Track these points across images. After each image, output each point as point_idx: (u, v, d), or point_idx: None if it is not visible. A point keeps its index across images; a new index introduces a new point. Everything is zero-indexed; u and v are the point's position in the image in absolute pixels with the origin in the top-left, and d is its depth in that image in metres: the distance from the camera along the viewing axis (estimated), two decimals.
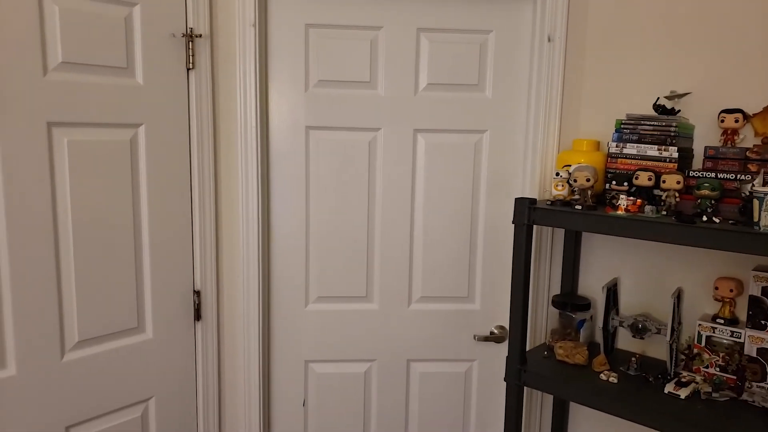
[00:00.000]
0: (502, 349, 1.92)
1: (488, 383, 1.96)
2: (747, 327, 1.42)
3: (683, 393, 1.40)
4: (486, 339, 1.91)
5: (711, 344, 1.47)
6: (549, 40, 1.65)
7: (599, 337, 1.60)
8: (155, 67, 1.59)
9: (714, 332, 1.46)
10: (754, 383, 1.40)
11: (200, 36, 1.65)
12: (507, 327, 1.89)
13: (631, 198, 1.40)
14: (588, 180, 1.44)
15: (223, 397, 1.87)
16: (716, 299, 1.49)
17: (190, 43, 1.64)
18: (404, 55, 1.80)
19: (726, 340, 1.45)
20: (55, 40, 1.41)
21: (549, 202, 1.51)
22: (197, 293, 1.76)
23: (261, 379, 1.86)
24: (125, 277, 1.60)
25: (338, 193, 1.86)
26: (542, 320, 1.77)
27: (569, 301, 1.67)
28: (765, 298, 1.40)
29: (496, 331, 1.91)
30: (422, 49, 1.80)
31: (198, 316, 1.77)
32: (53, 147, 1.43)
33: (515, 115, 1.82)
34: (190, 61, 1.64)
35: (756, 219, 1.21)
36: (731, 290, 1.46)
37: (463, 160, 1.85)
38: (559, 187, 1.49)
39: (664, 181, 1.39)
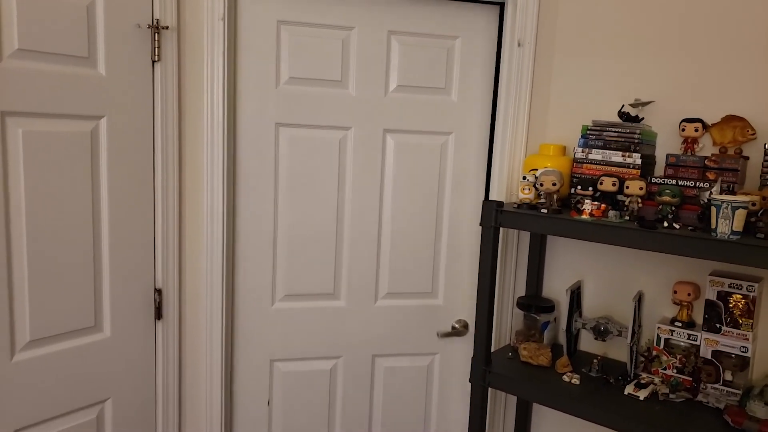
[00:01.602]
0: (463, 343, 1.98)
1: (449, 376, 2.01)
2: (703, 330, 1.47)
3: (642, 394, 1.44)
4: (448, 334, 1.97)
5: (669, 346, 1.51)
6: (519, 45, 1.67)
7: (563, 339, 1.63)
8: (119, 58, 1.54)
9: (672, 335, 1.50)
10: (708, 384, 1.44)
11: (167, 28, 1.60)
12: (468, 321, 1.96)
13: (596, 203, 1.42)
14: (554, 184, 1.46)
15: (184, 397, 1.82)
16: (675, 303, 1.54)
17: (156, 34, 1.59)
18: (375, 56, 1.81)
19: (683, 342, 1.49)
20: (11, 26, 1.34)
21: (516, 206, 1.52)
22: (158, 291, 1.71)
23: (223, 378, 1.82)
24: (82, 274, 1.54)
25: (307, 190, 1.85)
26: (507, 322, 1.79)
27: (534, 303, 1.69)
28: (720, 303, 1.44)
29: (457, 326, 1.96)
30: (393, 51, 1.82)
31: (159, 314, 1.72)
32: (7, 137, 1.37)
33: (478, 119, 1.88)
34: (156, 53, 1.59)
35: (713, 226, 1.25)
36: (689, 294, 1.50)
37: (429, 161, 1.89)
38: (526, 191, 1.51)
39: (627, 187, 1.42)
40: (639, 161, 1.46)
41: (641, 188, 1.40)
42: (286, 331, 1.91)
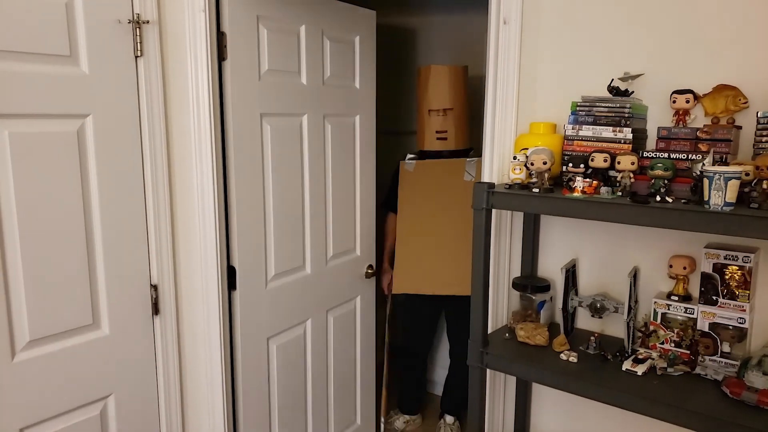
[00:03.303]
0: (371, 282, 2.53)
1: (365, 311, 2.51)
2: (699, 303, 1.46)
3: (640, 369, 1.43)
4: (364, 276, 2.46)
5: (666, 321, 1.50)
6: (504, 22, 1.64)
7: (559, 318, 1.62)
8: (101, 55, 1.53)
9: (669, 309, 1.50)
10: (706, 357, 1.44)
11: (147, 22, 1.59)
12: (373, 265, 2.50)
13: (587, 180, 1.40)
14: (545, 163, 1.44)
15: (185, 389, 1.84)
16: (671, 277, 1.52)
17: (138, 29, 1.58)
18: (315, 51, 2.07)
19: (680, 316, 1.48)
20: None
21: (507, 186, 1.51)
22: (154, 287, 1.71)
23: (223, 366, 1.85)
24: (78, 273, 1.55)
25: (283, 176, 2.00)
26: (503, 302, 1.79)
27: (529, 283, 1.69)
28: (716, 275, 1.43)
29: (369, 271, 2.46)
30: (325, 46, 2.12)
31: (156, 310, 1.73)
32: None
33: (371, 102, 2.37)
34: (138, 48, 1.58)
35: (706, 198, 1.23)
36: (684, 268, 1.49)
37: (347, 140, 2.28)
38: (517, 171, 1.49)
39: (618, 162, 1.40)
40: (630, 136, 1.44)
41: (633, 163, 1.38)
42: (275, 307, 2.04)
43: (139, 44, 1.58)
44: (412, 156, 2.61)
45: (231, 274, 1.88)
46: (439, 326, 3.10)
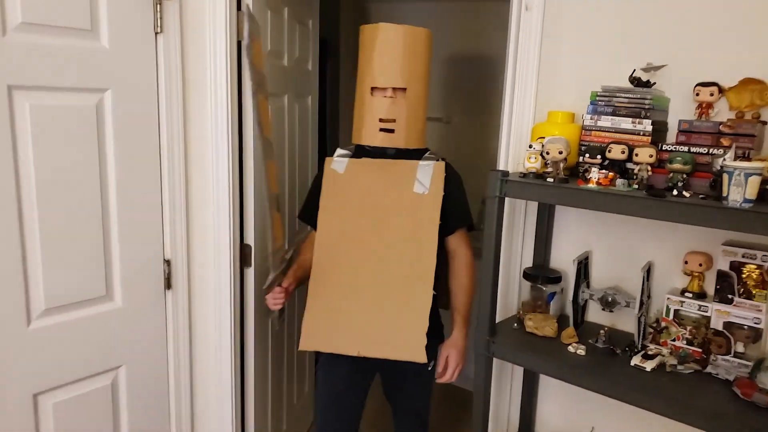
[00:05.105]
0: None
1: None
2: (714, 301, 1.43)
3: (649, 366, 1.41)
4: None
5: (679, 318, 1.47)
6: (526, 9, 1.61)
7: (569, 310, 1.60)
8: (122, 30, 1.54)
9: (682, 306, 1.47)
10: (718, 356, 1.41)
11: None
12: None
13: (603, 171, 1.38)
14: (560, 152, 1.42)
15: (194, 363, 1.87)
16: (686, 273, 1.49)
17: (159, 5, 1.58)
18: (293, 32, 2.14)
19: (693, 313, 1.45)
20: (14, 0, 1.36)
21: (521, 175, 1.49)
22: (167, 262, 1.74)
23: (233, 343, 1.88)
24: (93, 245, 1.57)
25: (279, 149, 2.08)
26: (514, 292, 1.77)
27: (541, 273, 1.67)
28: (733, 273, 1.40)
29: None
30: (296, 29, 2.18)
31: (168, 285, 1.75)
32: (14, 111, 1.39)
33: (317, 84, 2.47)
34: (159, 24, 1.59)
35: (725, 193, 1.20)
36: (700, 264, 1.46)
37: (306, 118, 2.36)
38: (532, 160, 1.47)
39: (636, 155, 1.37)
40: (649, 128, 1.41)
41: (651, 155, 1.35)
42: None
43: (159, 20, 1.59)
44: (343, 152, 1.72)
45: (242, 251, 1.90)
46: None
